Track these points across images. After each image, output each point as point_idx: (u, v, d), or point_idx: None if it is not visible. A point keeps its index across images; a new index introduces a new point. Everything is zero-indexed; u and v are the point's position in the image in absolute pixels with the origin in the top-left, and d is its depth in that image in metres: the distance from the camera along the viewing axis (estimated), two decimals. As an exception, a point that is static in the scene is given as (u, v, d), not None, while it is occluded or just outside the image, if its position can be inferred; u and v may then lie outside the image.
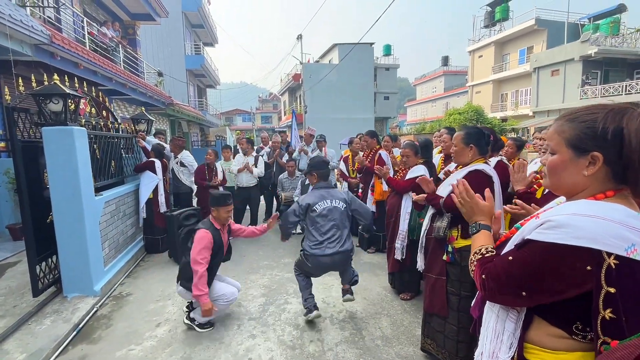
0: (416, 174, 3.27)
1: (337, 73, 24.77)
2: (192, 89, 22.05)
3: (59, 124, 3.29)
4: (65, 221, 3.36)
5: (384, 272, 4.13)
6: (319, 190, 3.07)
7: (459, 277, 2.25)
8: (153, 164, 5.02)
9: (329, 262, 2.96)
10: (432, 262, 2.44)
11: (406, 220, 3.30)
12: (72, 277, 3.44)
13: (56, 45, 5.44)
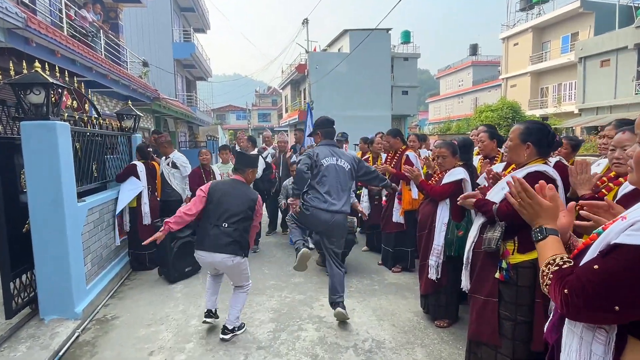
0: (455, 178, 3.26)
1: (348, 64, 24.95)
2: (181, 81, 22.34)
3: (40, 118, 3.34)
4: (44, 231, 3.39)
5: (413, 295, 4.10)
6: (326, 147, 3.58)
7: (514, 298, 2.22)
8: (135, 167, 5.00)
9: (328, 219, 3.40)
10: (481, 280, 2.41)
11: (442, 232, 3.28)
12: (51, 297, 3.46)
13: (32, 30, 5.54)
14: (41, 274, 3.44)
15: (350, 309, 3.82)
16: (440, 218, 3.30)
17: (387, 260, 4.99)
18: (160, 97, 13.16)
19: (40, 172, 3.34)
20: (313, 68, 24.88)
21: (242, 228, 3.19)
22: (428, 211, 3.42)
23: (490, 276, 2.30)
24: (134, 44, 13.71)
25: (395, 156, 4.96)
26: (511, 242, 2.22)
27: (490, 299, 2.32)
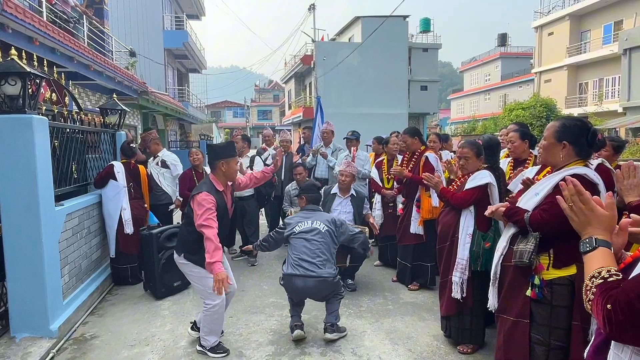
0: (480, 182, 3.25)
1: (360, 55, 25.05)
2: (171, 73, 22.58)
3: (15, 111, 3.39)
4: (16, 238, 3.43)
5: (433, 316, 4.07)
6: (304, 212, 3.91)
7: (548, 320, 2.20)
8: (112, 169, 4.99)
9: (300, 286, 3.56)
10: (510, 299, 2.39)
11: (467, 244, 3.26)
12: (23, 312, 3.49)
13: (7, 14, 5.65)
14: (13, 286, 3.47)
15: (361, 331, 3.81)
16: (464, 228, 3.28)
17: (404, 276, 4.97)
18: (149, 91, 13.30)
19: (14, 171, 3.39)
20: (320, 59, 25.00)
21: (184, 229, 3.40)
22: (450, 221, 3.40)
23: (521, 294, 2.29)
24: (120, 32, 13.90)
25: (412, 158, 4.96)
26: (545, 256, 2.20)
27: (520, 320, 2.30)
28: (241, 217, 6.01)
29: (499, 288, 2.51)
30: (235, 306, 4.41)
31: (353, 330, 3.84)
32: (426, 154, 4.80)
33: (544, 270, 2.19)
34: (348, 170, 5.16)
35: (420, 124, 33.41)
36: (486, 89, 41.59)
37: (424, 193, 4.72)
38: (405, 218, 4.91)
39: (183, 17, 22.17)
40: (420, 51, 32.05)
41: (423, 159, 4.77)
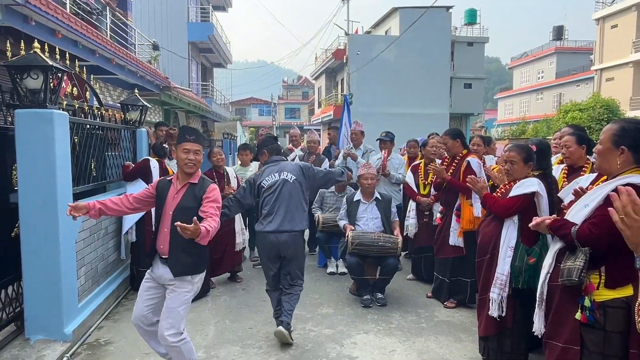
0: (526, 190, 3.18)
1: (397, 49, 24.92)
2: (195, 67, 23.15)
3: (36, 105, 3.57)
4: (34, 236, 3.61)
5: (471, 337, 4.01)
6: (269, 166, 4.00)
7: (601, 347, 2.14)
8: (147, 164, 5.21)
9: (273, 242, 3.76)
10: (558, 322, 2.34)
11: (508, 258, 3.20)
12: (38, 314, 3.66)
13: (31, 6, 5.96)
14: (29, 286, 3.65)
15: (390, 350, 3.80)
16: (505, 240, 3.23)
17: (441, 292, 4.92)
18: (171, 86, 13.68)
19: (32, 167, 3.57)
20: (353, 54, 25.03)
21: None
22: (490, 232, 3.35)
23: (570, 317, 2.23)
24: (143, 24, 14.38)
25: (453, 162, 4.91)
26: (596, 274, 2.14)
27: (570, 346, 2.25)
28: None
29: (546, 310, 2.46)
30: (255, 317, 4.48)
31: (382, 348, 3.83)
32: (468, 158, 4.73)
33: (594, 290, 2.13)
34: (370, 172, 5.19)
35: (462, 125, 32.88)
36: (539, 87, 40.54)
37: (465, 201, 4.66)
38: (443, 228, 4.86)
39: (209, 9, 22.72)
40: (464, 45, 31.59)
41: (465, 164, 4.71)
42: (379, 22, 30.99)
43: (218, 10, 26.24)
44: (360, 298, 4.89)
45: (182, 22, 20.08)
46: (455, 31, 32.54)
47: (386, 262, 4.82)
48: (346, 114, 7.59)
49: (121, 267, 5.31)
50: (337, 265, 5.97)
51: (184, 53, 20.11)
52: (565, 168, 3.93)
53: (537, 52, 42.70)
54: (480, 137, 5.59)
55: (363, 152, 6.66)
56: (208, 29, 21.36)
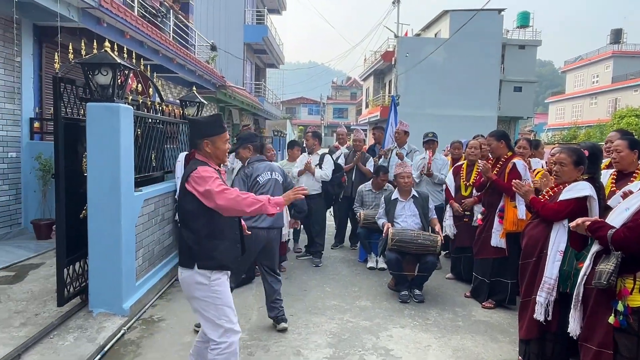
0: (579, 194, 3.05)
1: (446, 51, 24.40)
2: (249, 67, 23.64)
3: (105, 99, 3.81)
4: (99, 218, 3.85)
5: (508, 338, 3.90)
6: (260, 164, 4.11)
7: (634, 353, 2.05)
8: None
9: (264, 237, 3.86)
10: (592, 325, 2.26)
11: (557, 262, 3.08)
12: (100, 289, 3.91)
13: (104, 9, 6.34)
14: (93, 264, 3.90)
15: (425, 345, 3.77)
16: (554, 244, 3.11)
17: (480, 292, 4.81)
18: (227, 85, 14.09)
19: (100, 156, 3.80)
20: (402, 56, 24.75)
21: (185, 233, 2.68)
22: (538, 234, 3.24)
23: (604, 321, 2.15)
24: (202, 26, 14.86)
25: (497, 164, 4.77)
26: (631, 279, 2.05)
27: (603, 350, 2.17)
28: (307, 216, 6.17)
29: (583, 312, 2.37)
30: (296, 305, 4.56)
31: (417, 343, 3.80)
32: (514, 160, 4.59)
33: (628, 295, 2.04)
34: (407, 170, 5.16)
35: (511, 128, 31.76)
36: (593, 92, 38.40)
37: (508, 203, 4.52)
38: (485, 229, 4.75)
39: (264, 12, 23.11)
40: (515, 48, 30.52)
41: (510, 166, 4.57)
42: (429, 25, 30.44)
43: (273, 13, 26.64)
44: (398, 293, 4.87)
45: (238, 24, 20.56)
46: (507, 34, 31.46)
47: (425, 260, 4.77)
48: (393, 114, 7.57)
49: (175, 251, 5.55)
50: (377, 260, 5.95)
51: (239, 54, 20.60)
52: (614, 173, 3.72)
53: (592, 55, 40.43)
54: (527, 139, 5.39)
55: (407, 152, 6.61)
56: (263, 31, 21.76)
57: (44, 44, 6.82)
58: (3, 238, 6.05)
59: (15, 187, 6.35)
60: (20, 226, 6.41)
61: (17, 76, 6.29)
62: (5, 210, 6.16)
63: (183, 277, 2.68)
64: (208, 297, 2.63)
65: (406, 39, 26.48)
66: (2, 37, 5.96)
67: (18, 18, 6.00)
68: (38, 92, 6.77)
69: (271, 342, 3.73)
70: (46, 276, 4.68)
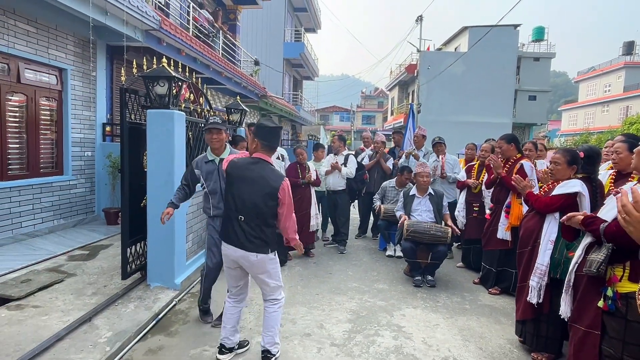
0: (569, 190, 3.00)
1: (465, 64, 23.87)
2: (288, 80, 23.87)
3: (162, 107, 4.00)
4: (156, 207, 4.04)
5: (510, 321, 3.84)
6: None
7: (621, 334, 1.99)
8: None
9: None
10: (582, 308, 2.21)
11: (548, 250, 3.04)
12: (157, 266, 4.11)
13: (164, 31, 6.62)
14: (151, 245, 4.11)
15: (434, 324, 3.76)
16: (546, 234, 3.07)
17: (487, 279, 4.74)
18: (268, 95, 14.32)
19: (158, 154, 4.00)
20: (424, 68, 24.36)
21: (262, 223, 2.79)
22: (532, 226, 3.20)
23: (593, 304, 2.11)
24: (247, 43, 15.16)
25: (506, 164, 4.69)
26: (620, 267, 1.99)
27: (591, 331, 2.12)
28: (334, 209, 6.26)
29: (573, 296, 2.33)
30: (321, 286, 4.63)
31: (427, 322, 3.80)
32: (522, 161, 4.50)
33: (617, 282, 1.99)
34: (426, 170, 5.11)
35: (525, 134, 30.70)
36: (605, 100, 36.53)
37: (515, 199, 4.44)
38: (492, 223, 4.67)
39: (301, 30, 23.29)
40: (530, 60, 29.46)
41: (518, 166, 4.49)
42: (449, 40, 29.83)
43: (309, 32, 26.78)
44: (412, 278, 4.86)
45: (278, 42, 20.82)
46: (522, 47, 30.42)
47: (437, 249, 4.74)
48: (411, 120, 7.51)
49: (220, 237, 5.73)
50: (394, 249, 5.95)
51: (279, 68, 20.86)
52: (614, 173, 3.60)
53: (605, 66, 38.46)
54: (531, 142, 5.24)
55: (424, 154, 6.55)
56: (300, 47, 21.93)
57: (115, 60, 7.18)
58: (80, 223, 6.43)
59: (90, 180, 6.72)
60: (94, 213, 6.78)
61: (93, 88, 6.66)
62: (82, 200, 6.54)
63: (257, 259, 2.82)
64: (275, 268, 2.93)
65: (428, 53, 26.04)
66: (81, 55, 6.33)
67: (94, 39, 6.35)
68: (110, 101, 7.13)
69: (298, 317, 3.81)
70: (114, 255, 4.95)
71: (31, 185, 5.54)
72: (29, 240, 5.34)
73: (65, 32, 6.00)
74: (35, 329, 3.13)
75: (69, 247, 5.22)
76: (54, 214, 5.96)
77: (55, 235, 5.68)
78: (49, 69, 5.87)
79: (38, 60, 5.57)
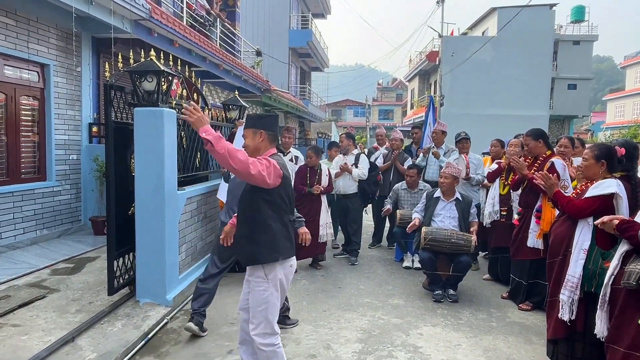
0: (604, 191, 2.96)
1: (494, 49, 23.72)
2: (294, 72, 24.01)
3: (151, 104, 4.06)
4: (146, 215, 4.10)
5: (543, 340, 3.78)
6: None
7: (667, 355, 1.96)
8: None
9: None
10: (621, 326, 2.19)
11: (581, 260, 3.00)
12: (146, 281, 4.16)
13: (154, 21, 6.72)
14: (140, 256, 4.16)
15: (455, 344, 3.74)
16: (578, 242, 3.03)
17: (517, 294, 4.70)
18: (271, 89, 14.42)
19: (146, 156, 4.05)
20: (447, 55, 24.24)
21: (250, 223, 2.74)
22: (563, 232, 3.16)
23: (634, 322, 2.08)
24: (248, 32, 15.29)
25: (535, 163, 4.64)
26: (662, 279, 1.97)
27: (632, 352, 2.10)
28: (344, 215, 6.25)
29: (610, 313, 2.30)
30: (330, 302, 4.64)
31: (447, 342, 3.78)
32: (553, 159, 4.44)
33: (659, 295, 1.96)
34: (447, 171, 5.05)
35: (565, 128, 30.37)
36: (656, 88, 35.91)
37: (546, 202, 4.38)
38: (521, 230, 4.62)
39: (309, 16, 23.41)
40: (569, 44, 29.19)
41: (548, 165, 4.43)
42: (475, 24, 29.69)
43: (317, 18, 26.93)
44: (432, 293, 4.83)
45: (283, 29, 20.95)
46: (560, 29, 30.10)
47: (459, 260, 4.71)
48: (431, 114, 7.50)
49: (217, 248, 5.77)
50: (412, 260, 5.92)
51: (284, 58, 20.98)
52: (658, 171, 3.55)
53: (655, 49, 37.77)
54: (567, 137, 5.18)
55: (444, 152, 6.51)
56: (307, 35, 22.05)
57: (101, 54, 7.31)
58: (65, 233, 6.55)
59: (76, 186, 6.85)
60: (80, 222, 6.91)
61: (77, 85, 6.80)
62: (67, 208, 6.66)
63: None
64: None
65: (451, 38, 25.94)
66: (64, 50, 6.47)
67: (78, 32, 6.48)
68: (96, 98, 7.26)
69: (302, 336, 3.83)
70: (100, 268, 5.02)
71: (11, 193, 5.67)
72: (9, 252, 5.46)
73: (47, 25, 6.14)
74: (14, 350, 3.20)
75: (52, 259, 5.32)
76: (37, 224, 6.08)
77: (37, 247, 5.80)
78: (30, 65, 6.01)
79: (18, 55, 5.71)
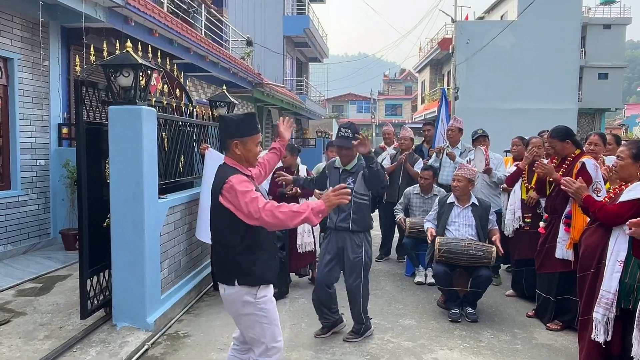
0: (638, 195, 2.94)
1: (514, 35, 23.78)
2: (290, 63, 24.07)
3: (127, 102, 4.06)
4: (122, 227, 4.09)
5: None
6: None
7: None
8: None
9: None
10: (663, 349, 2.16)
11: (617, 274, 2.99)
12: (124, 302, 4.14)
13: (131, 7, 6.74)
14: (117, 275, 4.14)
15: None
16: (613, 253, 3.03)
17: (544, 311, 4.68)
18: (264, 83, 14.44)
19: (123, 161, 4.04)
20: (462, 42, 24.31)
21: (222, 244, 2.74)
22: (595, 242, 3.15)
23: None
24: (237, 19, 15.32)
25: (563, 164, 4.62)
26: None
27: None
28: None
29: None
30: (332, 323, 4.62)
31: None
32: (583, 159, 4.43)
33: None
34: (460, 173, 5.02)
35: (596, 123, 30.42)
36: (697, 76, 35.98)
37: (577, 207, 4.36)
38: (548, 239, 4.61)
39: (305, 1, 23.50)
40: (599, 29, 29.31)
41: (578, 165, 4.42)
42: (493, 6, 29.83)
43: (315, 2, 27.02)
44: (447, 311, 4.81)
45: (277, 16, 21.02)
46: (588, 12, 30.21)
47: (478, 274, 4.69)
48: (444, 109, 7.50)
49: (205, 263, 5.77)
50: (425, 275, 5.89)
51: (278, 48, 21.03)
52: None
53: (695, 33, 37.94)
54: (598, 134, 5.16)
55: (461, 152, 6.50)
56: (304, 22, 22.11)
57: (72, 46, 7.33)
58: (32, 248, 6.54)
59: (44, 195, 6.85)
60: (49, 236, 6.90)
61: (45, 81, 6.80)
62: (34, 220, 6.65)
63: (226, 293, 2.72)
64: (253, 314, 2.68)
65: (465, 23, 26.01)
66: (30, 42, 6.48)
67: (45, 21, 6.49)
68: (66, 96, 7.27)
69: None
70: (72, 288, 5.00)
71: (-29, 203, 5.67)
72: (-31, 271, 5.45)
73: (10, 14, 6.15)
74: (-26, 383, 3.17)
75: (17, 279, 5.31)
76: (0, 239, 6.07)
77: (1, 265, 5.79)
78: (-9, 59, 6.03)
79: (-23, 48, 5.72)
